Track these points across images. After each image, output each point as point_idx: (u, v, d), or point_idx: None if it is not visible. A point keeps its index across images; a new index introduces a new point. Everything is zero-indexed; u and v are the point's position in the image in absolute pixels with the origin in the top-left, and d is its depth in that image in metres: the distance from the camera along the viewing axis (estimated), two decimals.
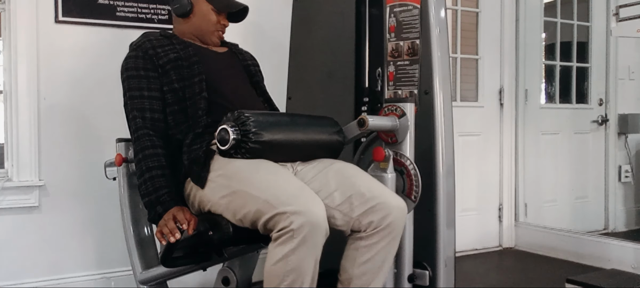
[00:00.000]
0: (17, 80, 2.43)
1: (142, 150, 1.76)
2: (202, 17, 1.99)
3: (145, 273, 2.00)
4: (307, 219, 1.43)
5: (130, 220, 2.09)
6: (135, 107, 1.81)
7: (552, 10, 4.04)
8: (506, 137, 3.82)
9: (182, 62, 1.85)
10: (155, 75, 1.84)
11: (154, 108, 1.81)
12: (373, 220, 1.60)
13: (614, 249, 3.16)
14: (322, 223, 1.47)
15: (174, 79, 1.83)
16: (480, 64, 3.74)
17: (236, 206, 1.58)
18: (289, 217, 1.43)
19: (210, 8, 1.99)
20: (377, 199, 1.61)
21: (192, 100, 1.80)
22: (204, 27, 2.00)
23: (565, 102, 4.16)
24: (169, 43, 1.91)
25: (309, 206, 1.46)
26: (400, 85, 2.15)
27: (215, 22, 2.00)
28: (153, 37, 1.93)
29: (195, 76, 1.84)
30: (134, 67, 1.85)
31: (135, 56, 1.87)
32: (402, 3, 2.13)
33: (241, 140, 1.61)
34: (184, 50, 1.89)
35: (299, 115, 1.99)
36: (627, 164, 4.33)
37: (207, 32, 2.01)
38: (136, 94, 1.82)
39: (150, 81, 1.83)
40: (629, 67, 4.27)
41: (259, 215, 1.50)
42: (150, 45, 1.88)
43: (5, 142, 2.49)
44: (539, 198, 3.94)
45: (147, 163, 1.73)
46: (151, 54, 1.85)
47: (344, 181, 1.67)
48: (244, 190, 1.56)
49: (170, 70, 1.84)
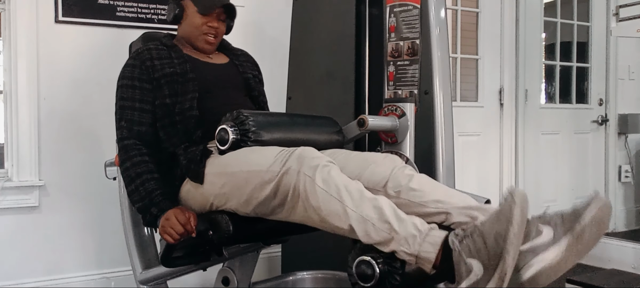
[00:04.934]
0: (17, 81, 2.43)
1: (129, 158, 1.75)
2: (190, 21, 1.95)
3: (145, 273, 2.00)
4: (299, 158, 1.46)
5: (130, 220, 2.08)
6: (125, 118, 1.80)
7: (552, 10, 4.03)
8: (506, 137, 3.81)
9: (177, 77, 1.84)
10: (150, 87, 1.83)
11: (142, 121, 1.80)
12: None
13: (614, 249, 3.16)
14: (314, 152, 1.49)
15: (166, 94, 1.82)
16: (480, 64, 3.74)
17: (239, 187, 1.58)
18: (287, 174, 1.46)
19: (195, 10, 1.94)
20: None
21: (181, 116, 1.79)
22: (191, 31, 1.96)
23: (565, 102, 4.15)
24: (168, 55, 1.89)
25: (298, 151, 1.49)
26: (400, 85, 2.15)
27: (200, 25, 1.94)
28: (153, 46, 1.90)
29: (188, 93, 1.82)
30: (130, 77, 1.84)
31: (132, 65, 1.86)
32: (402, 3, 2.13)
33: (240, 140, 1.61)
34: (181, 66, 1.87)
35: (298, 115, 1.99)
36: (627, 164, 4.33)
37: (195, 37, 1.96)
38: (128, 104, 1.81)
39: (143, 93, 1.82)
40: (629, 67, 4.27)
41: (264, 185, 1.50)
42: (149, 56, 1.86)
43: (5, 142, 2.49)
44: (539, 198, 3.94)
45: (135, 170, 1.73)
46: (148, 65, 1.84)
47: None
48: (241, 169, 1.57)
49: (164, 85, 1.82)
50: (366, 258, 1.40)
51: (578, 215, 1.38)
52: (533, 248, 1.40)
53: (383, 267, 1.38)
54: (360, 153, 1.76)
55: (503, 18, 3.78)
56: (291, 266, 2.54)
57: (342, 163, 1.71)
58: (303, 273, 2.31)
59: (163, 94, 1.82)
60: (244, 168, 1.57)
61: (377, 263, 1.39)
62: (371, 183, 1.65)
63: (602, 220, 1.38)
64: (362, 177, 1.66)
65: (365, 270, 1.40)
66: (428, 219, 1.57)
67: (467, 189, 1.77)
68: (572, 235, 1.37)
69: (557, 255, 1.37)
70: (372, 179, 1.65)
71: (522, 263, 1.40)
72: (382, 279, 1.38)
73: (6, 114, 2.47)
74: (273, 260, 2.89)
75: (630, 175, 4.34)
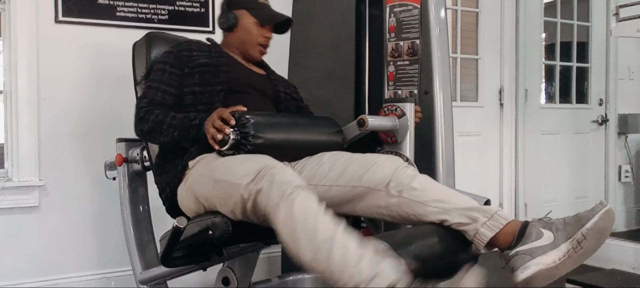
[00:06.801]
0: (17, 80, 2.43)
1: (154, 117, 1.79)
2: (245, 31, 2.01)
3: (145, 273, 2.00)
4: (271, 175, 1.43)
5: (130, 220, 2.09)
6: (148, 95, 1.85)
7: (552, 10, 4.03)
8: (506, 137, 3.81)
9: (210, 68, 1.88)
10: (180, 74, 1.88)
11: (163, 102, 1.85)
12: None
13: (614, 249, 3.16)
14: (285, 171, 1.46)
15: (196, 82, 1.87)
16: (480, 64, 3.74)
17: (223, 198, 1.57)
18: (260, 193, 1.43)
19: (253, 21, 2.01)
20: None
21: (206, 105, 1.82)
22: (246, 39, 2.02)
23: (565, 102, 4.15)
24: (207, 49, 1.96)
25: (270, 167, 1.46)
26: (400, 85, 2.15)
27: (257, 35, 2.01)
28: (196, 41, 2.00)
29: (218, 84, 1.86)
30: (163, 62, 1.90)
31: (169, 52, 1.93)
32: (402, 3, 2.13)
33: (240, 141, 1.62)
34: (216, 58, 1.92)
35: (299, 116, 2.00)
36: (627, 164, 4.33)
37: (249, 45, 2.03)
38: (154, 85, 1.87)
39: (171, 77, 1.88)
40: (629, 67, 4.27)
41: (243, 202, 1.48)
42: (187, 47, 1.94)
43: (5, 142, 2.49)
44: (539, 198, 3.94)
45: (159, 118, 1.77)
46: (185, 55, 1.90)
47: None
48: (225, 180, 1.56)
49: (196, 73, 1.87)
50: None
51: (581, 222, 1.40)
52: (531, 250, 1.41)
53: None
54: (362, 154, 1.77)
55: (503, 18, 3.78)
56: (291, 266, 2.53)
57: (344, 165, 1.72)
58: (303, 273, 2.31)
59: (193, 82, 1.87)
60: (228, 179, 1.55)
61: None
62: (373, 183, 1.65)
63: (604, 230, 1.40)
64: (364, 178, 1.66)
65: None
66: (428, 218, 1.57)
67: (467, 189, 1.78)
68: (572, 242, 1.39)
69: (554, 260, 1.39)
70: (373, 179, 1.65)
71: (519, 264, 1.42)
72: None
73: (6, 114, 2.47)
74: (273, 260, 2.89)
75: (630, 175, 4.34)
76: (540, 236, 1.43)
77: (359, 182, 1.67)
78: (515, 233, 1.48)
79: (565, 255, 1.39)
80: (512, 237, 1.48)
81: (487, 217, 1.51)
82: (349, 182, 1.69)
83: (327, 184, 1.71)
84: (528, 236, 1.44)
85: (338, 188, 1.70)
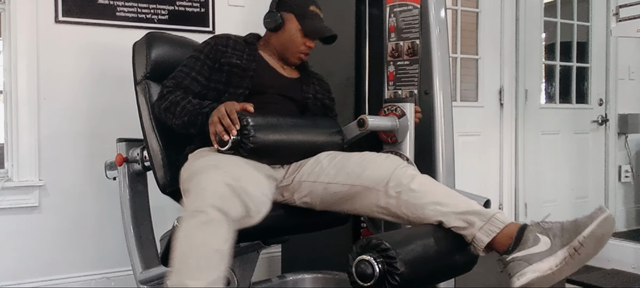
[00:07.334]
0: (17, 80, 2.43)
1: (173, 97, 1.79)
2: (289, 36, 1.97)
3: (145, 273, 2.00)
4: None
5: (131, 220, 2.09)
6: (176, 77, 1.86)
7: (552, 10, 4.03)
8: (506, 137, 3.81)
9: (238, 70, 1.88)
10: (211, 65, 1.89)
11: (189, 88, 1.85)
12: None
13: (614, 249, 3.15)
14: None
15: (222, 81, 1.87)
16: (480, 64, 3.74)
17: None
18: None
19: (299, 29, 1.96)
20: None
21: None
22: (288, 45, 1.98)
23: (565, 102, 4.15)
24: (242, 49, 1.94)
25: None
26: (400, 85, 2.15)
27: (300, 43, 1.97)
28: (234, 37, 1.97)
29: (241, 87, 1.86)
30: (200, 50, 1.92)
31: (206, 43, 1.94)
32: (402, 3, 2.13)
33: (240, 141, 1.62)
34: (246, 62, 1.90)
35: (299, 117, 1.99)
36: (627, 164, 4.33)
37: (290, 51, 1.99)
38: (185, 70, 1.88)
39: (203, 67, 1.89)
40: (629, 67, 4.27)
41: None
42: (225, 42, 1.93)
43: (5, 142, 2.49)
44: (539, 198, 3.94)
45: (176, 99, 1.78)
46: (220, 49, 1.91)
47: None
48: (197, 182, 1.51)
49: (225, 71, 1.87)
50: (366, 257, 1.40)
51: (578, 229, 1.40)
52: (528, 257, 1.41)
53: (383, 266, 1.38)
54: (360, 153, 1.77)
55: (503, 18, 3.78)
56: (291, 266, 2.54)
57: (342, 164, 1.72)
58: (303, 273, 2.31)
59: (220, 79, 1.88)
60: (195, 184, 1.51)
61: (377, 263, 1.39)
62: (372, 182, 1.65)
63: (602, 237, 1.39)
64: (362, 177, 1.66)
65: (365, 269, 1.40)
66: (427, 220, 1.57)
67: (467, 189, 1.78)
68: (569, 249, 1.39)
69: (551, 267, 1.39)
70: (372, 178, 1.65)
71: (516, 270, 1.42)
72: (381, 279, 1.38)
73: (6, 114, 2.47)
74: (273, 260, 2.89)
75: (630, 175, 4.34)
76: (537, 242, 1.43)
77: (357, 180, 1.68)
78: (512, 237, 1.48)
79: (562, 262, 1.39)
80: (509, 241, 1.48)
81: (484, 221, 1.51)
82: (347, 180, 1.69)
83: (325, 181, 1.72)
84: (525, 241, 1.44)
85: (336, 185, 1.71)
